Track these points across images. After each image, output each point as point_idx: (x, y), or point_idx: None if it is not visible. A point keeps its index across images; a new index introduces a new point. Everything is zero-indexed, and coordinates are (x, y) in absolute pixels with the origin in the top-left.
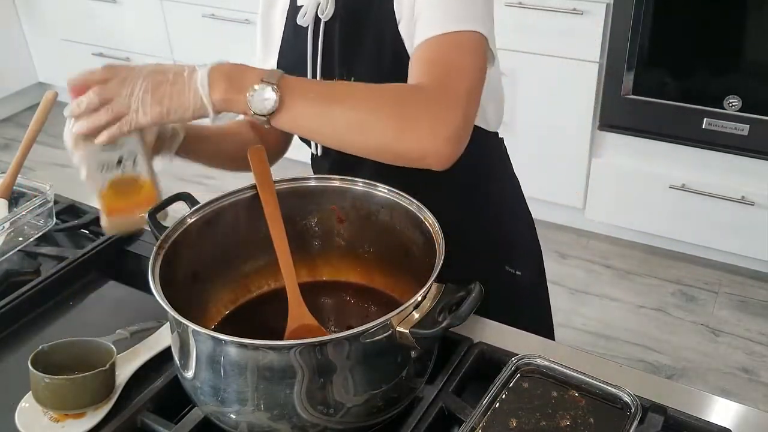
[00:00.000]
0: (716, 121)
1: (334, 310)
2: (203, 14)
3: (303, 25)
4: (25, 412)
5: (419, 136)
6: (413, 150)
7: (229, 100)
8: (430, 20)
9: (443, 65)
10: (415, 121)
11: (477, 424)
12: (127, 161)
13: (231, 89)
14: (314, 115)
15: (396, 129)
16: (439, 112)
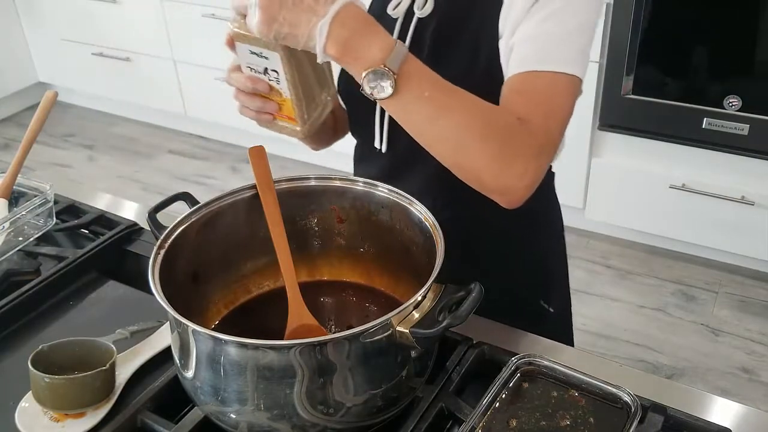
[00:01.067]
0: (716, 120)
1: (334, 310)
2: (203, 14)
3: (393, 16)
4: (25, 411)
5: (509, 174)
6: (497, 184)
7: (342, 62)
8: (538, 53)
9: (546, 105)
10: (512, 159)
11: (477, 424)
12: (272, 74)
13: (348, 54)
14: (421, 117)
15: (492, 159)
16: (534, 156)
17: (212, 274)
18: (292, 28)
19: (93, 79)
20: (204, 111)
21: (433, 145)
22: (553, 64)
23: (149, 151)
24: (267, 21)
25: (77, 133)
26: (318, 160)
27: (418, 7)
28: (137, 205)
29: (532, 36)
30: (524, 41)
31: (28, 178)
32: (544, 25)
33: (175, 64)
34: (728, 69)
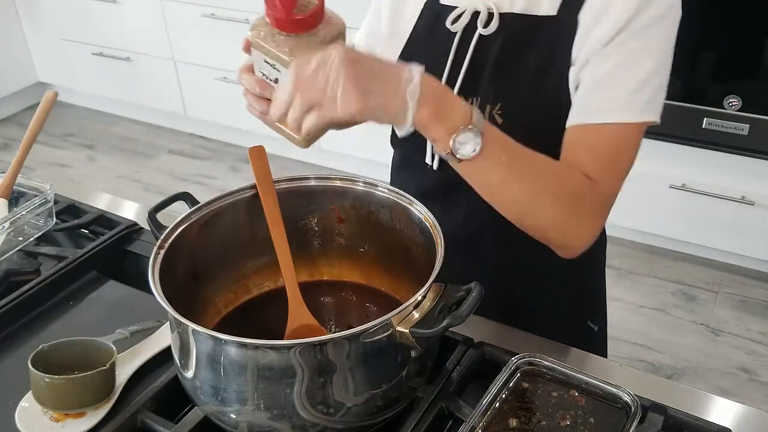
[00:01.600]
0: (716, 121)
1: (334, 310)
2: (203, 14)
3: (453, 30)
4: (25, 411)
5: (575, 234)
6: (562, 242)
7: (428, 125)
8: (609, 102)
9: (614, 163)
10: (580, 220)
11: (477, 424)
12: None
13: (436, 116)
14: (496, 180)
15: (561, 221)
16: (600, 215)
17: (212, 274)
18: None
19: (93, 79)
20: (204, 111)
21: (503, 206)
22: (625, 115)
23: (149, 151)
24: (362, 95)
25: (77, 133)
26: (318, 160)
27: (482, 23)
28: (137, 205)
29: (604, 82)
30: (595, 87)
31: (28, 178)
32: (617, 71)
33: (175, 64)
34: (728, 69)
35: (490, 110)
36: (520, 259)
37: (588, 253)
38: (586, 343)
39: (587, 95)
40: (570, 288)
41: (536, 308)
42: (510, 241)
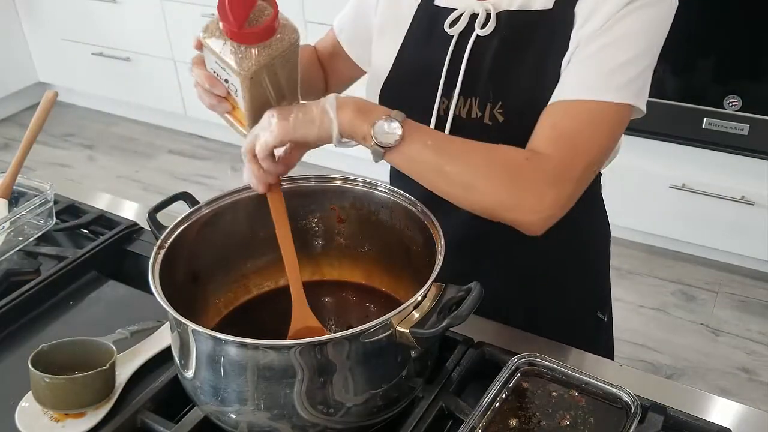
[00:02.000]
0: (716, 121)
1: (334, 310)
2: (203, 14)
3: (451, 33)
4: (25, 411)
5: (522, 208)
6: (513, 218)
7: (354, 124)
8: (585, 81)
9: (573, 139)
10: (522, 194)
11: (477, 424)
12: (231, 86)
13: (358, 116)
14: (428, 163)
15: (502, 197)
16: (549, 189)
17: (212, 274)
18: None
19: (93, 79)
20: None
21: (445, 191)
22: (597, 93)
23: (149, 151)
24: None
25: (77, 133)
26: (318, 160)
27: (479, 24)
28: (137, 205)
29: (583, 62)
30: (575, 66)
31: (28, 178)
32: (598, 53)
33: (175, 64)
34: (728, 69)
35: (491, 109)
36: (530, 255)
37: (592, 245)
38: (597, 334)
39: (565, 75)
40: (578, 281)
41: (546, 303)
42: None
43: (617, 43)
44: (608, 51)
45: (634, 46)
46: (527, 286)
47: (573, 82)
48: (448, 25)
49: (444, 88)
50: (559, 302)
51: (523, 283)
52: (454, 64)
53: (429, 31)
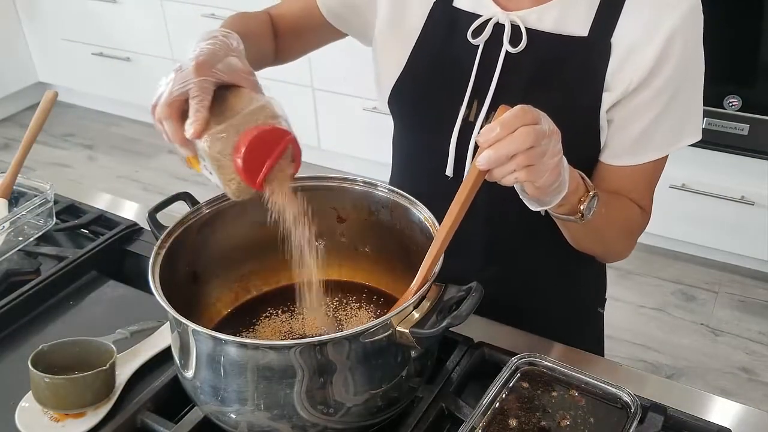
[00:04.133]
0: (716, 121)
1: (335, 310)
2: (203, 14)
3: (475, 43)
4: (25, 411)
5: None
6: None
7: (569, 199)
8: (658, 142)
9: (654, 183)
10: (630, 247)
11: (477, 424)
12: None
13: (574, 195)
14: (592, 231)
15: (619, 249)
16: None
17: (212, 274)
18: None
19: (93, 79)
20: None
21: (585, 247)
22: (666, 150)
23: (149, 151)
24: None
25: (77, 133)
26: (318, 160)
27: (508, 39)
28: (137, 205)
29: (648, 131)
30: (640, 136)
31: (28, 178)
32: (659, 119)
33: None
34: (728, 69)
35: None
36: (535, 256)
37: None
38: (598, 328)
39: (631, 143)
40: (582, 279)
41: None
42: (528, 243)
43: (673, 104)
44: (667, 113)
45: (687, 94)
46: (531, 287)
47: (644, 149)
48: (471, 35)
49: (472, 102)
50: (564, 302)
51: (527, 284)
52: (482, 78)
53: (449, 34)
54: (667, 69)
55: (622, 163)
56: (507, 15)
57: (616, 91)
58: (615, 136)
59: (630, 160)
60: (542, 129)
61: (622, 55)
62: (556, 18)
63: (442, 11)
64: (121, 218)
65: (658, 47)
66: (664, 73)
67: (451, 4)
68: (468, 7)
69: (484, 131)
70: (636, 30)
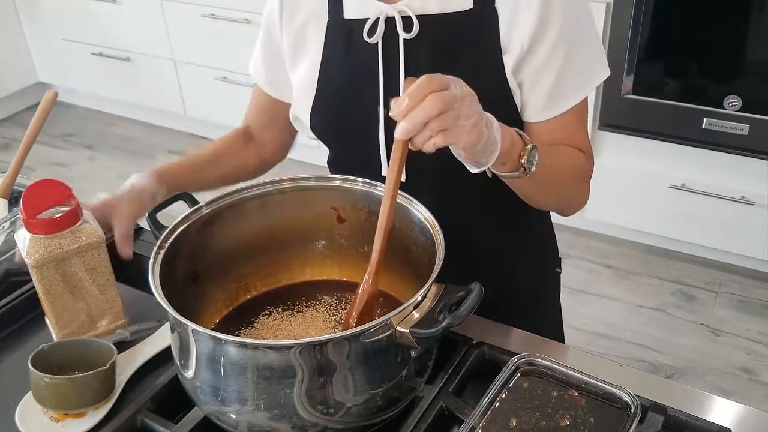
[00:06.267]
0: (716, 121)
1: (335, 310)
2: (203, 14)
3: (372, 42)
4: (25, 411)
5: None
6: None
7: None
8: (570, 89)
9: (586, 126)
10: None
11: (477, 423)
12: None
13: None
14: (540, 184)
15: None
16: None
17: (212, 274)
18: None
19: (93, 79)
20: (204, 111)
21: (541, 203)
22: (583, 93)
23: (149, 151)
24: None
25: (77, 133)
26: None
27: (402, 28)
28: None
29: (556, 84)
30: (551, 90)
31: (28, 178)
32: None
33: (175, 64)
34: (728, 69)
35: None
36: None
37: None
38: (558, 287)
39: (546, 98)
40: (539, 243)
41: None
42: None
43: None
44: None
45: (586, 41)
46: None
47: (560, 100)
48: (366, 35)
49: (388, 96)
50: (519, 265)
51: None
52: (389, 73)
53: (347, 43)
54: (555, 19)
55: (545, 117)
56: (394, 7)
57: (514, 52)
58: (529, 94)
59: (551, 112)
60: (452, 93)
61: (509, 17)
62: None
63: (335, 27)
64: None
65: (538, 1)
66: (553, 24)
67: (342, 17)
68: (357, 15)
69: (395, 105)
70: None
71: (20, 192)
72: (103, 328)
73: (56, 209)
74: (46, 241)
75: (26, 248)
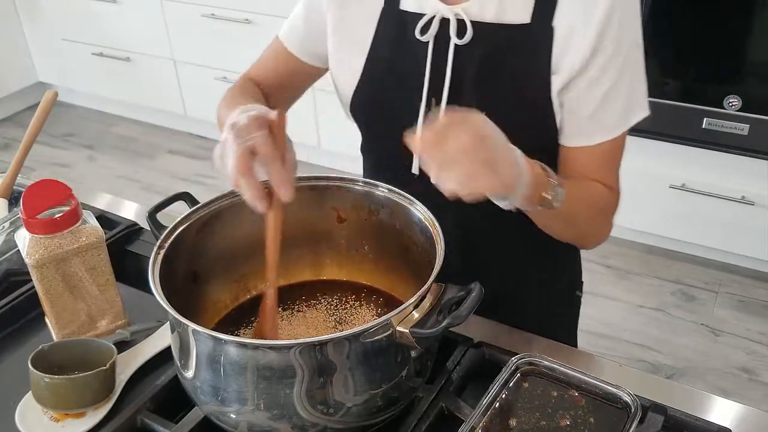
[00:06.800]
0: (716, 120)
1: (335, 310)
2: (203, 14)
3: (423, 40)
4: (25, 411)
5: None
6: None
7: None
8: (611, 120)
9: (618, 162)
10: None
11: (477, 424)
12: None
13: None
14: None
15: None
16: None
17: (212, 274)
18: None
19: (93, 79)
20: (204, 111)
21: (560, 235)
22: (623, 127)
23: (149, 151)
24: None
25: (77, 133)
26: (318, 160)
27: (455, 32)
28: (137, 205)
29: (597, 112)
30: (591, 116)
31: (28, 178)
32: (607, 97)
33: (175, 64)
34: (728, 69)
35: None
36: (512, 249)
37: None
38: (577, 312)
39: (585, 123)
40: (562, 266)
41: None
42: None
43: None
44: (615, 91)
45: (630, 70)
46: (508, 276)
47: (598, 129)
48: (419, 32)
49: (431, 97)
50: (541, 288)
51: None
52: (436, 74)
53: (399, 37)
54: (607, 47)
55: (579, 144)
56: (451, 9)
57: (563, 74)
58: (568, 118)
59: (586, 140)
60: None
61: (564, 38)
62: (497, 8)
63: (390, 16)
64: (121, 218)
65: (596, 26)
66: (605, 52)
67: (398, 7)
68: (414, 8)
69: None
70: (575, 11)
71: (20, 192)
72: (103, 328)
73: (56, 209)
74: (46, 241)
75: (26, 248)
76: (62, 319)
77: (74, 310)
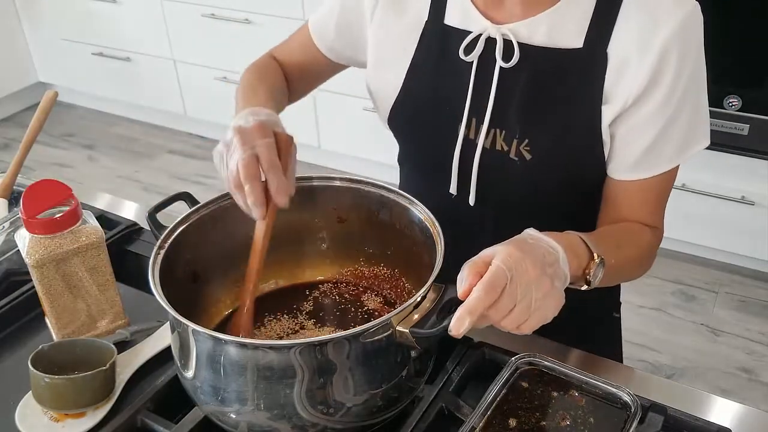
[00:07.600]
0: (716, 121)
1: (335, 310)
2: (203, 14)
3: (467, 60)
4: (25, 411)
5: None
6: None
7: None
8: (666, 154)
9: (666, 199)
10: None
11: (477, 424)
12: None
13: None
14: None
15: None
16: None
17: (212, 274)
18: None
19: (93, 79)
20: (204, 111)
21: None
22: (676, 161)
23: (149, 151)
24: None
25: (77, 133)
26: (318, 160)
27: (500, 54)
28: (137, 205)
29: (653, 146)
30: (646, 150)
31: (28, 177)
32: (664, 131)
33: (175, 64)
34: (728, 69)
35: (518, 145)
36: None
37: None
38: (616, 333)
39: (636, 157)
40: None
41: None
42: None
43: (678, 115)
44: (672, 126)
45: (691, 103)
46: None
47: (651, 163)
48: (463, 52)
49: (471, 118)
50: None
51: None
52: (478, 94)
53: (441, 54)
54: (667, 80)
55: (629, 177)
56: (498, 29)
57: (616, 104)
58: (620, 150)
59: (637, 174)
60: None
61: (618, 67)
62: (548, 31)
63: (434, 30)
64: (121, 218)
65: (654, 59)
66: (664, 85)
67: (442, 21)
68: (459, 24)
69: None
70: (632, 40)
71: (20, 192)
72: (103, 328)
73: (56, 209)
74: (46, 241)
75: (26, 248)
76: (62, 319)
77: (74, 310)
